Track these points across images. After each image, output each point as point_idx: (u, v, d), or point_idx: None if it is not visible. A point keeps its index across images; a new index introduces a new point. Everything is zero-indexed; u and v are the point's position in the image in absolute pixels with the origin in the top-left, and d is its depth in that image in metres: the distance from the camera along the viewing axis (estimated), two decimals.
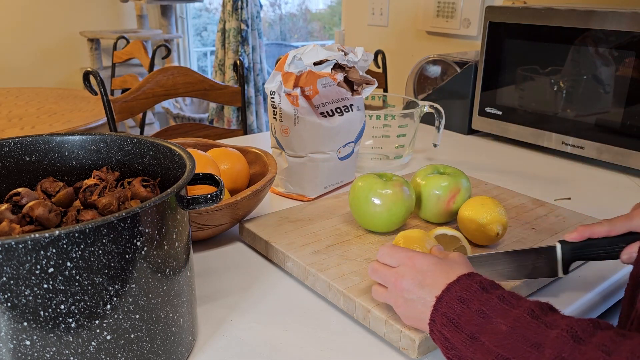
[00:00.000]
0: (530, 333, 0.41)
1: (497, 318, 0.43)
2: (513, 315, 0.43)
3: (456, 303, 0.46)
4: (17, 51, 3.28)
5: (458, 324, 0.45)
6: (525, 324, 0.42)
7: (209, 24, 4.23)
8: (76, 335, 0.40)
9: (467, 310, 0.45)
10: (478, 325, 0.44)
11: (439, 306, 0.47)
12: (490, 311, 0.44)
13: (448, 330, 0.45)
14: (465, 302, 0.46)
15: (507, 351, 0.41)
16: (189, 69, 1.46)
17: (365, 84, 0.91)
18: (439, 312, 0.47)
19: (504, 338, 0.42)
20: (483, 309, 0.44)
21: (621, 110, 1.01)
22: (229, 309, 0.60)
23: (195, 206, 0.48)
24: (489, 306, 0.44)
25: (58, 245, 0.37)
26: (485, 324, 0.43)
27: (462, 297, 0.46)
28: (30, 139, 0.56)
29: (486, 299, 0.45)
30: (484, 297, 0.45)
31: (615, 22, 0.99)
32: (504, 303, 0.44)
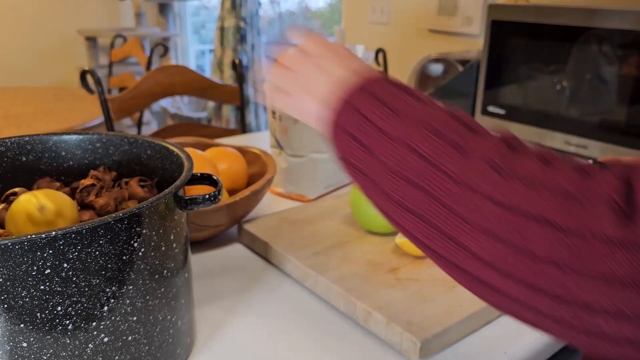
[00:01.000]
0: (468, 120, 0.35)
1: (429, 101, 0.37)
2: (448, 107, 0.37)
3: (380, 79, 0.39)
4: (14, 50, 3.26)
5: (379, 98, 0.37)
6: (464, 115, 0.36)
7: (207, 21, 4.22)
8: (73, 337, 0.39)
9: (390, 86, 0.38)
10: (402, 101, 0.36)
11: (357, 77, 0.39)
12: (419, 94, 0.38)
13: (361, 99, 0.37)
14: (389, 81, 0.39)
15: (438, 124, 0.34)
16: (187, 67, 1.46)
17: None
18: (356, 82, 0.39)
19: (435, 115, 0.35)
20: (412, 89, 0.38)
21: (625, 110, 1.00)
22: (228, 311, 0.59)
23: (193, 207, 0.47)
24: (418, 92, 0.38)
25: (55, 246, 0.36)
26: (409, 99, 0.37)
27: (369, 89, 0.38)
28: (27, 138, 0.55)
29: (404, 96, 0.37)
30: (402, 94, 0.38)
31: (619, 20, 0.98)
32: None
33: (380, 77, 0.39)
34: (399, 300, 0.56)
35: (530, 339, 0.55)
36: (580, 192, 0.29)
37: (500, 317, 0.58)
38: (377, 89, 0.38)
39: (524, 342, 0.55)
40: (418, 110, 0.36)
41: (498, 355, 0.53)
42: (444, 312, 0.54)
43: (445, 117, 0.35)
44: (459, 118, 0.35)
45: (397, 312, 0.54)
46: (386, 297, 0.56)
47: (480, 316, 0.56)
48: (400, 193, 0.34)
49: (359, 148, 0.37)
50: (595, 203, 0.28)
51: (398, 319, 0.52)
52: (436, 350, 0.52)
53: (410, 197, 0.34)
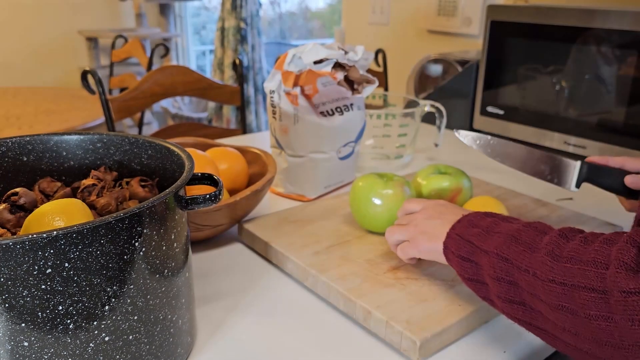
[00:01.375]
0: (541, 226, 0.47)
1: (514, 221, 0.50)
2: (528, 222, 0.49)
3: (479, 215, 0.53)
4: (15, 50, 3.27)
5: (476, 224, 0.51)
6: (538, 224, 0.48)
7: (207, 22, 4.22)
8: (74, 336, 0.40)
9: (488, 219, 0.51)
10: (494, 224, 0.50)
11: (463, 218, 0.53)
12: (509, 218, 0.51)
13: (465, 229, 0.51)
14: (488, 215, 0.52)
15: (518, 234, 0.47)
16: (188, 68, 1.46)
17: (366, 83, 0.90)
18: (461, 221, 0.53)
19: (517, 229, 0.48)
20: (504, 217, 0.51)
21: (623, 110, 1.00)
22: (228, 311, 0.59)
23: (194, 206, 0.47)
24: (509, 217, 0.51)
25: (56, 245, 0.36)
26: (501, 223, 0.50)
27: (486, 213, 0.53)
28: (28, 138, 0.55)
29: (508, 217, 0.52)
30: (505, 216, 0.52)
31: (617, 21, 0.98)
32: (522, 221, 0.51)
33: (479, 213, 0.53)
34: (399, 299, 0.56)
35: (530, 338, 0.55)
36: (604, 260, 0.39)
37: (499, 316, 0.58)
38: (473, 219, 0.52)
39: (523, 341, 0.55)
40: (502, 227, 0.49)
41: (497, 354, 0.53)
42: (444, 311, 0.54)
43: (523, 227, 0.47)
44: (532, 225, 0.47)
45: (396, 311, 0.54)
46: (386, 297, 0.56)
47: (479, 315, 0.56)
48: (502, 291, 0.46)
49: (467, 264, 0.50)
50: (614, 267, 0.38)
51: (397, 318, 0.53)
52: (436, 349, 0.52)
53: (510, 293, 0.46)
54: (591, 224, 0.75)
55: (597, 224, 0.75)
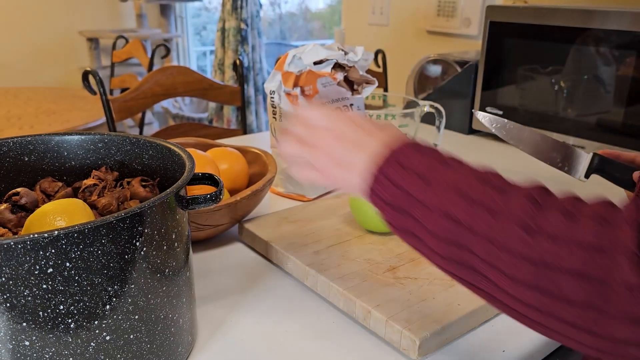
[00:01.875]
0: (495, 180, 0.38)
1: (455, 165, 0.40)
2: (473, 167, 0.40)
3: (410, 150, 0.41)
4: (16, 50, 3.27)
5: (407, 166, 0.40)
6: (489, 174, 0.39)
7: (208, 23, 4.22)
8: (75, 335, 0.40)
9: (420, 156, 0.40)
10: (431, 168, 0.39)
11: (388, 151, 0.41)
12: (448, 159, 0.40)
13: (395, 171, 0.40)
14: (419, 150, 0.41)
15: (466, 188, 0.37)
16: (188, 68, 1.46)
17: (366, 83, 0.90)
18: (388, 156, 0.41)
19: (463, 178, 0.38)
20: (441, 155, 0.40)
21: (622, 110, 1.01)
22: (229, 310, 0.59)
23: (194, 206, 0.47)
24: (447, 156, 0.40)
25: (57, 245, 0.37)
26: (439, 167, 0.39)
27: (416, 146, 0.41)
28: (29, 138, 0.56)
29: (443, 152, 0.41)
30: (439, 150, 0.41)
31: (616, 21, 0.98)
32: (461, 161, 0.41)
33: (407, 146, 0.41)
34: (398, 298, 0.56)
35: (529, 337, 0.56)
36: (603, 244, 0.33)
37: (499, 315, 0.59)
38: (405, 159, 0.40)
39: (523, 340, 0.55)
40: (447, 176, 0.39)
41: (496, 354, 0.53)
42: (443, 310, 0.55)
43: (473, 180, 0.38)
44: (487, 179, 0.38)
45: (396, 310, 0.54)
46: (385, 296, 0.57)
47: (478, 314, 0.56)
48: (444, 251, 0.38)
49: (400, 215, 0.40)
50: (617, 254, 0.32)
51: (397, 317, 0.53)
52: (435, 348, 0.52)
53: (455, 254, 0.37)
54: None
55: None
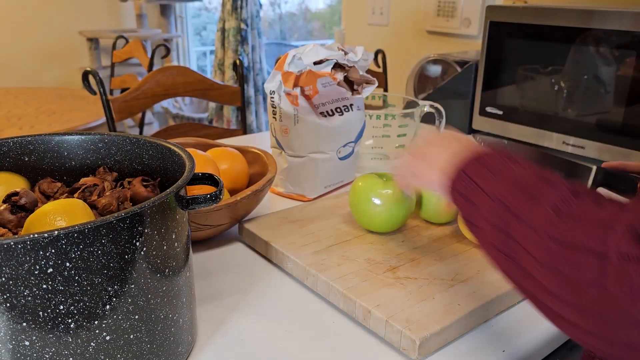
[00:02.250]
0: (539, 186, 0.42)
1: (516, 168, 0.45)
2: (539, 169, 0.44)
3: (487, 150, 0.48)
4: (16, 50, 3.27)
5: (485, 163, 0.46)
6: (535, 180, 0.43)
7: (208, 23, 4.22)
8: (75, 335, 0.40)
9: (492, 161, 0.46)
10: (501, 165, 0.45)
11: (474, 152, 0.48)
12: (512, 164, 0.46)
13: (472, 167, 0.47)
14: (490, 160, 0.47)
15: (525, 180, 0.43)
16: (189, 68, 1.46)
17: (366, 83, 0.90)
18: (470, 158, 0.48)
19: (524, 175, 0.43)
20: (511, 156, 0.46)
21: (622, 110, 1.01)
22: (229, 310, 0.60)
23: (194, 206, 0.47)
24: (509, 164, 0.46)
25: (57, 245, 0.37)
26: (504, 170, 0.45)
27: (485, 160, 0.47)
28: (29, 138, 0.56)
29: (504, 162, 0.46)
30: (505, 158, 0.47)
31: (616, 21, 0.98)
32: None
33: (488, 149, 0.48)
34: (398, 298, 0.56)
35: (529, 337, 0.56)
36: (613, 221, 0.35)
37: (499, 315, 0.59)
38: (484, 158, 0.47)
39: (522, 340, 0.55)
40: (512, 171, 0.44)
41: (496, 354, 0.53)
42: (443, 310, 0.55)
43: (531, 176, 0.43)
44: (542, 175, 0.43)
45: (396, 310, 0.54)
46: (385, 296, 0.57)
47: (478, 314, 0.56)
48: (494, 238, 0.42)
49: (468, 204, 0.46)
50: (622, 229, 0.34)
51: (397, 317, 0.53)
52: (435, 348, 0.53)
53: (500, 241, 0.42)
54: None
55: None
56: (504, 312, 0.59)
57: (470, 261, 0.65)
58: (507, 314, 0.59)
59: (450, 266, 0.63)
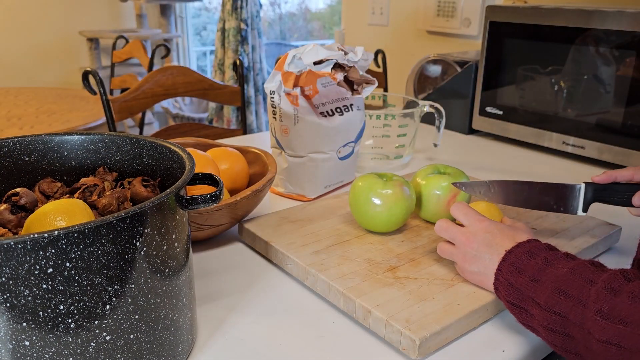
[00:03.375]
0: (587, 273, 0.47)
1: (559, 264, 0.49)
2: (573, 264, 0.49)
3: (524, 256, 0.52)
4: (16, 50, 3.27)
5: (522, 270, 0.51)
6: (583, 268, 0.48)
7: (208, 23, 4.22)
8: (75, 335, 0.40)
9: (532, 261, 0.51)
10: (540, 270, 0.50)
11: (507, 257, 0.53)
12: (553, 260, 0.50)
13: (512, 276, 0.51)
14: (532, 256, 0.51)
15: (565, 285, 0.47)
16: (189, 68, 1.46)
17: (366, 83, 0.91)
18: (506, 262, 0.52)
19: (563, 276, 0.48)
20: (548, 258, 0.51)
21: (622, 110, 1.01)
22: (229, 310, 0.60)
23: (194, 206, 0.47)
24: (553, 257, 0.51)
25: (57, 245, 0.37)
26: (547, 268, 0.50)
27: (530, 251, 0.52)
28: (30, 138, 0.56)
29: (552, 254, 0.51)
30: (549, 252, 0.51)
31: (615, 21, 0.98)
32: (567, 257, 0.51)
33: (519, 252, 0.53)
34: (398, 298, 0.56)
35: (529, 337, 0.56)
36: None
37: (498, 315, 0.59)
38: (518, 262, 0.52)
39: (522, 340, 0.55)
40: (548, 274, 0.49)
41: (496, 354, 0.53)
42: (443, 310, 0.55)
43: (568, 275, 0.48)
44: (578, 272, 0.48)
45: (396, 310, 0.54)
46: (385, 296, 0.57)
47: (478, 314, 0.56)
48: (552, 339, 0.48)
49: (518, 310, 0.51)
50: None
51: (397, 317, 0.53)
52: (435, 348, 0.53)
53: (559, 340, 0.48)
54: (589, 223, 0.75)
55: (595, 223, 0.75)
56: (503, 313, 0.59)
57: None
58: (507, 314, 0.59)
59: (450, 266, 0.63)
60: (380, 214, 0.69)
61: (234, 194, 0.70)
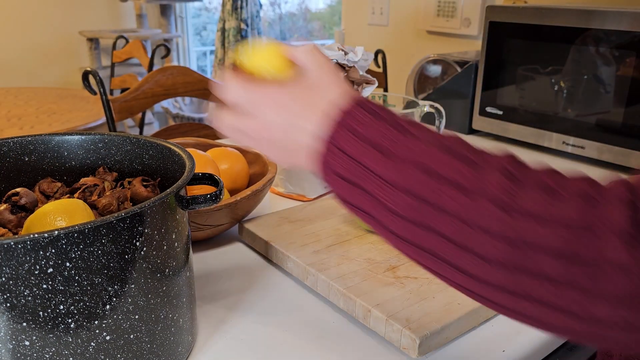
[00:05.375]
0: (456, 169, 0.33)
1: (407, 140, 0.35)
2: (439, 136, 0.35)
3: (366, 117, 0.36)
4: (16, 50, 3.27)
5: (361, 135, 0.35)
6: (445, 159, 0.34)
7: (208, 23, 4.22)
8: (75, 335, 0.40)
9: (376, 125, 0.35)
10: (384, 136, 0.35)
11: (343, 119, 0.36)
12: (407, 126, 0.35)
13: (349, 141, 0.35)
14: (364, 128, 0.35)
15: (433, 162, 0.33)
16: (189, 68, 1.46)
17: (366, 83, 0.90)
18: (340, 125, 0.36)
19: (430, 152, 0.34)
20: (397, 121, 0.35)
21: (622, 110, 1.01)
22: (229, 310, 0.60)
23: (194, 206, 0.47)
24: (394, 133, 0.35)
25: (57, 245, 0.37)
26: (393, 145, 0.35)
27: (351, 126, 0.36)
28: (30, 138, 0.56)
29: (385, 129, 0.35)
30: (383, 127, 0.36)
31: (615, 21, 0.98)
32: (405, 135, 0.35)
33: (359, 108, 0.37)
34: (398, 297, 0.56)
35: (529, 337, 0.56)
36: (590, 223, 0.29)
37: (498, 315, 0.59)
38: (359, 125, 0.36)
39: (523, 340, 0.55)
40: (408, 146, 0.34)
41: (496, 353, 0.53)
42: (443, 309, 0.55)
43: (438, 152, 0.34)
44: (454, 150, 0.34)
45: (396, 309, 0.54)
46: (385, 295, 0.57)
47: (478, 314, 0.56)
48: (407, 233, 0.34)
49: (355, 189, 0.36)
50: (606, 233, 0.29)
51: (397, 316, 0.53)
52: (435, 347, 0.53)
53: (419, 237, 0.34)
54: None
55: None
56: None
57: None
58: None
59: None
60: None
61: (234, 194, 0.70)
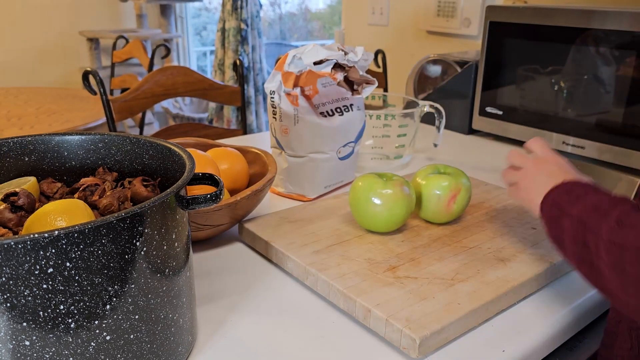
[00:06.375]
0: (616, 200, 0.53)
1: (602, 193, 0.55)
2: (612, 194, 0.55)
3: (577, 185, 0.57)
4: (16, 50, 3.27)
5: (570, 192, 0.57)
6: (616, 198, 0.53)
7: (208, 23, 4.22)
8: (75, 335, 0.40)
9: (581, 189, 0.56)
10: (585, 194, 0.55)
11: (563, 184, 0.58)
12: (601, 190, 0.56)
13: (560, 196, 0.57)
14: (584, 187, 0.56)
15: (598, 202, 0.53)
16: (189, 68, 1.46)
17: (366, 83, 0.91)
18: (560, 187, 0.58)
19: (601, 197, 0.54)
20: (597, 189, 0.56)
21: (622, 110, 1.01)
22: (229, 310, 0.60)
23: (194, 206, 0.47)
24: (602, 190, 0.56)
25: (57, 245, 0.37)
26: (589, 193, 0.55)
27: (584, 185, 0.57)
28: (30, 138, 0.56)
29: (602, 189, 0.56)
30: (601, 188, 0.57)
31: (616, 21, 0.98)
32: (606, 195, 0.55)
33: (574, 182, 0.58)
34: (398, 297, 0.56)
35: (529, 337, 0.56)
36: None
37: (499, 315, 0.59)
38: (571, 187, 0.57)
39: (522, 340, 0.55)
40: (590, 196, 0.54)
41: (496, 353, 0.53)
42: (443, 309, 0.55)
43: (606, 198, 0.53)
44: (615, 198, 0.53)
45: (396, 309, 0.54)
46: (385, 295, 0.57)
47: (478, 314, 0.56)
48: (574, 250, 0.53)
49: (554, 225, 0.56)
50: None
51: (397, 316, 0.53)
52: (435, 347, 0.53)
53: (579, 252, 0.52)
54: None
55: None
56: (504, 312, 0.59)
57: (470, 261, 0.65)
58: (507, 314, 0.59)
59: (450, 266, 0.63)
60: (380, 213, 0.69)
61: (234, 194, 0.70)
